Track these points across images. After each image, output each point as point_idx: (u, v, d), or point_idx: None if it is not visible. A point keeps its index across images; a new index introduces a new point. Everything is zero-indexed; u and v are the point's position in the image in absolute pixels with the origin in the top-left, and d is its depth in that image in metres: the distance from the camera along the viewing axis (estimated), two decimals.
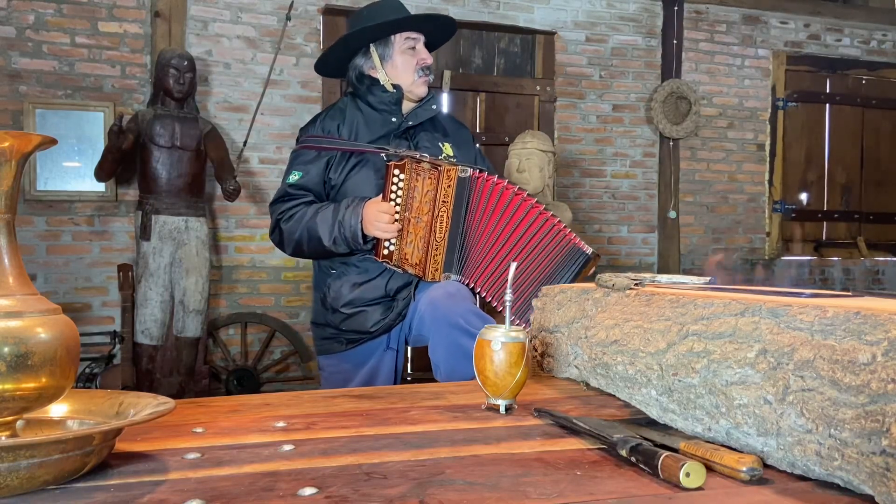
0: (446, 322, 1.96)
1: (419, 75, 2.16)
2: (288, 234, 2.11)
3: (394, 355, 2.17)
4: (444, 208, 2.01)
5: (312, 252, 2.12)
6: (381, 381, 2.13)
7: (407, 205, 2.00)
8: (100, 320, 4.10)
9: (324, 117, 2.19)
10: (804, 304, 0.88)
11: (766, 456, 0.85)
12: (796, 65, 5.50)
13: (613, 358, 1.19)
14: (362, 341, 2.12)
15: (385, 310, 2.10)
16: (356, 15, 2.24)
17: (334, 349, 2.17)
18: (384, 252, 2.03)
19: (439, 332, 1.97)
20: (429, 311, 2.01)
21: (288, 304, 4.44)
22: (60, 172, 4.06)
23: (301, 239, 2.08)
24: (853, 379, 0.74)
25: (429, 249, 2.02)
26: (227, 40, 4.29)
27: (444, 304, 1.99)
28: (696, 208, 5.32)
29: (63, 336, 0.85)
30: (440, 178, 1.99)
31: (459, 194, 2.01)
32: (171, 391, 3.71)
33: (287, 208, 2.12)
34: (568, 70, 4.98)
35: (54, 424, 0.94)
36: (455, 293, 2.02)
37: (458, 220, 2.02)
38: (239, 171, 4.00)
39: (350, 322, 2.12)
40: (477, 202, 2.04)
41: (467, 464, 0.90)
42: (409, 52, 2.15)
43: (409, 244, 2.02)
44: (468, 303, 2.03)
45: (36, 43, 3.98)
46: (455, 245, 2.03)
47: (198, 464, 0.90)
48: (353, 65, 2.21)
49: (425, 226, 2.01)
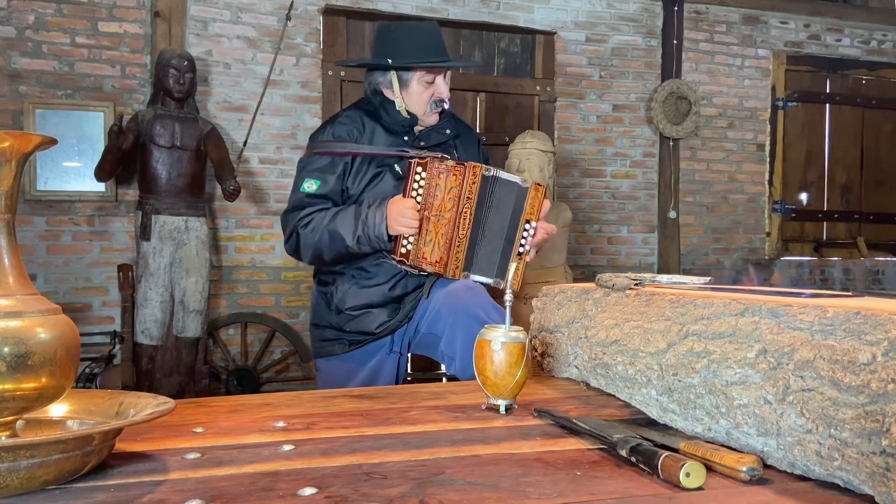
0: (466, 313, 1.97)
1: (431, 108, 2.15)
2: (306, 239, 2.04)
3: (396, 359, 2.16)
4: (469, 205, 2.01)
5: (333, 255, 2.05)
6: (381, 384, 2.12)
7: (427, 203, 1.99)
8: (100, 320, 4.09)
9: (333, 123, 2.14)
10: (804, 304, 0.88)
11: (766, 456, 0.85)
12: (796, 65, 5.50)
13: (613, 358, 1.19)
14: (365, 343, 2.11)
15: (391, 312, 2.09)
16: (384, 29, 2.19)
17: (335, 351, 2.14)
18: (402, 251, 2.00)
19: (458, 324, 1.97)
20: (447, 303, 2.02)
21: (288, 304, 4.44)
22: (60, 172, 4.06)
23: (321, 242, 2.02)
24: (853, 379, 0.74)
25: (451, 246, 2.01)
26: (227, 40, 4.29)
27: (465, 296, 2.01)
28: (696, 208, 5.31)
29: (63, 336, 0.85)
30: (465, 174, 1.99)
31: (482, 192, 2.02)
32: (171, 391, 3.71)
33: (305, 215, 2.05)
34: (568, 70, 4.98)
35: (54, 424, 0.94)
36: (473, 286, 2.05)
37: (479, 218, 2.03)
38: (239, 171, 4.00)
39: (354, 323, 2.10)
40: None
41: (467, 464, 0.90)
42: (427, 84, 2.13)
43: (427, 243, 2.00)
44: (486, 296, 2.05)
45: (36, 43, 3.98)
46: (476, 243, 2.03)
47: (198, 464, 0.90)
48: (371, 80, 2.18)
49: (447, 222, 2.00)
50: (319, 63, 4.44)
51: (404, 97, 2.14)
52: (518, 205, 2.06)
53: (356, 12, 4.51)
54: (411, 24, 2.25)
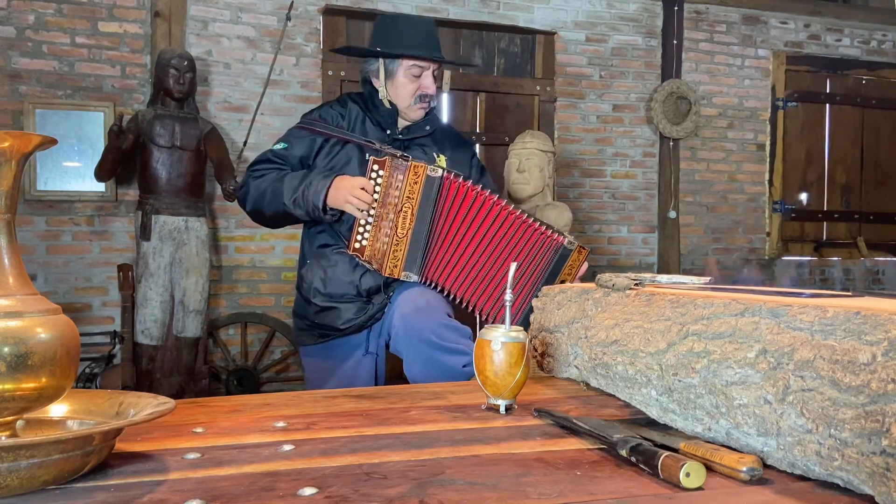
0: (418, 338, 1.96)
1: (416, 102, 2.16)
2: (254, 188, 2.08)
3: (373, 360, 2.16)
4: (409, 204, 1.99)
5: (272, 211, 2.06)
6: (360, 385, 2.11)
7: (383, 201, 1.99)
8: (100, 320, 4.10)
9: (324, 106, 2.22)
10: (804, 304, 0.88)
11: (766, 456, 0.84)
12: (796, 65, 5.50)
13: (613, 358, 1.19)
14: (333, 337, 2.12)
15: (358, 309, 2.09)
16: (382, 21, 2.24)
17: (309, 341, 2.17)
18: (356, 245, 2.01)
19: (412, 349, 1.97)
20: (400, 327, 2.01)
21: (288, 304, 4.43)
22: (60, 172, 4.06)
23: (264, 193, 2.05)
24: (853, 379, 0.74)
25: (389, 244, 2.01)
26: (227, 40, 4.29)
27: (415, 320, 1.98)
28: (696, 208, 5.31)
29: (63, 336, 0.85)
30: (407, 173, 1.98)
31: (427, 192, 1.99)
32: (171, 391, 3.71)
33: (262, 168, 2.11)
34: (568, 70, 4.98)
35: (54, 424, 0.94)
36: (425, 307, 2.01)
37: (423, 219, 2.00)
38: (239, 171, 3.99)
39: (322, 316, 2.11)
40: (444, 203, 2.01)
41: (467, 464, 0.90)
42: (413, 77, 2.15)
43: (378, 240, 2.01)
44: (439, 315, 2.01)
45: (36, 43, 3.98)
46: (419, 244, 2.01)
47: (198, 464, 0.90)
48: (363, 67, 2.23)
49: (390, 221, 2.00)
50: (319, 63, 4.44)
51: (388, 87, 2.16)
52: (558, 265, 2.07)
53: (356, 12, 4.51)
54: (408, 17, 2.26)
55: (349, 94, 2.27)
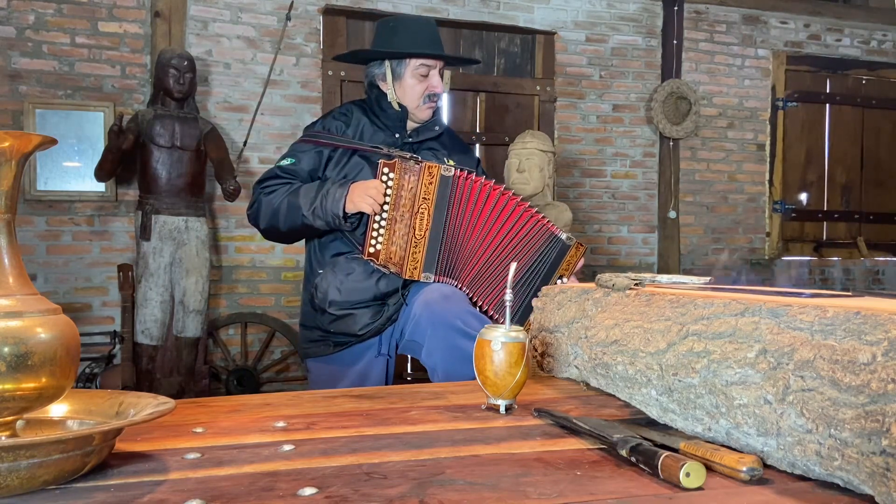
0: (443, 324, 1.94)
1: (424, 101, 2.17)
2: (267, 204, 2.06)
3: (384, 362, 2.15)
4: (426, 205, 2.00)
5: (289, 226, 2.05)
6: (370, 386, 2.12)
7: (395, 203, 2.00)
8: (100, 320, 4.10)
9: (327, 117, 2.21)
10: (804, 304, 0.88)
11: (766, 456, 0.84)
12: (796, 65, 5.50)
13: (613, 358, 1.19)
14: (350, 344, 2.11)
15: (374, 313, 2.08)
16: (383, 23, 2.24)
17: (322, 352, 2.14)
18: (370, 250, 2.02)
19: (436, 334, 1.95)
20: (425, 314, 1.99)
21: (288, 304, 4.43)
22: (60, 172, 4.06)
23: (279, 209, 2.03)
24: (853, 379, 0.74)
25: (408, 247, 2.01)
26: (227, 40, 4.29)
27: (441, 306, 1.97)
28: (696, 208, 5.31)
29: (63, 336, 0.85)
30: (421, 174, 1.99)
31: (442, 193, 2.01)
32: (171, 391, 3.71)
33: (272, 184, 2.10)
34: (568, 70, 4.98)
35: (54, 424, 0.94)
36: (451, 295, 2.01)
37: (439, 219, 2.01)
38: (239, 171, 4.00)
39: (338, 324, 2.09)
40: (460, 202, 2.03)
41: (467, 464, 0.90)
42: (421, 77, 2.15)
43: (393, 243, 2.01)
44: (464, 304, 2.02)
45: (36, 43, 3.98)
46: (436, 244, 2.02)
47: (198, 464, 0.90)
48: (369, 72, 2.22)
49: (406, 223, 2.01)
50: (319, 63, 4.44)
51: (397, 89, 2.17)
52: (557, 259, 2.10)
53: (356, 12, 4.51)
54: (409, 18, 2.28)
55: (352, 102, 2.26)
